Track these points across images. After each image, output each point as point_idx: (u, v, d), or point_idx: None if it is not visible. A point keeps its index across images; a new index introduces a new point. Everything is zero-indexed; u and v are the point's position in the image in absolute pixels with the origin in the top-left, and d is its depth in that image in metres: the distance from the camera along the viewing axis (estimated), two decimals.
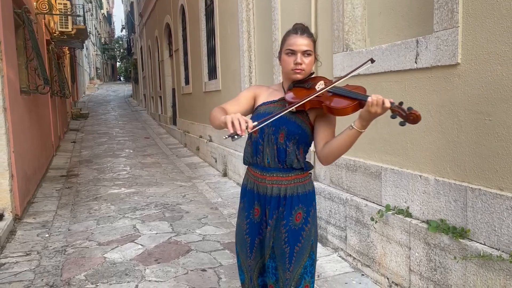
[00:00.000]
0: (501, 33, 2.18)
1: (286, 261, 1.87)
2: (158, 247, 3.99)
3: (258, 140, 1.91)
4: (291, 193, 1.88)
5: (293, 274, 1.87)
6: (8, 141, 4.70)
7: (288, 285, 1.87)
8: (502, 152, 2.20)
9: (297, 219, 1.88)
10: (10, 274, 3.47)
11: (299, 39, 1.85)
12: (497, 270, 2.18)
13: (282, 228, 1.88)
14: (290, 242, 1.87)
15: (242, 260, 2.02)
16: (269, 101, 1.95)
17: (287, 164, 1.88)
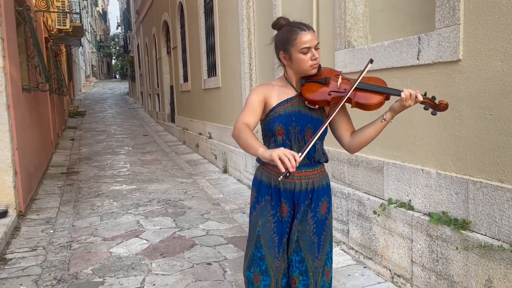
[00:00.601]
0: (501, 30, 2.24)
1: (315, 251, 1.93)
2: (163, 241, 4.05)
3: (284, 141, 1.91)
4: (318, 186, 1.95)
5: (321, 262, 1.95)
6: (12, 138, 4.73)
7: (317, 273, 1.94)
8: (503, 145, 2.27)
9: (323, 209, 1.96)
10: (17, 269, 3.52)
11: (310, 35, 1.87)
12: (498, 259, 2.26)
13: (310, 220, 1.93)
14: (318, 232, 1.94)
15: (269, 262, 1.95)
16: (284, 100, 1.94)
17: (316, 159, 1.94)
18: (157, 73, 15.18)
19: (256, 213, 2.00)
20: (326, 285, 1.98)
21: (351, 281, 3.15)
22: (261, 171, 2.04)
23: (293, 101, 1.94)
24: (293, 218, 1.96)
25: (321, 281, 1.95)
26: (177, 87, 11.61)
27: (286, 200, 1.95)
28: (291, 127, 1.90)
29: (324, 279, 1.96)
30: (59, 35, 11.69)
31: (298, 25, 1.90)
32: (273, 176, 1.96)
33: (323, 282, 1.96)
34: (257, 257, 1.97)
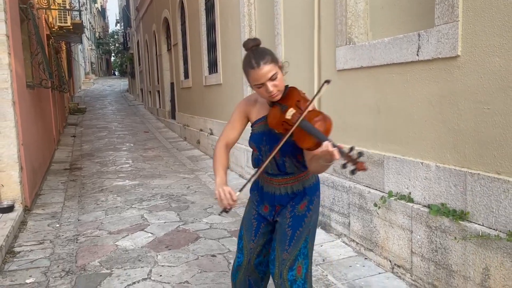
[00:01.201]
0: (498, 27, 2.32)
1: (286, 243, 2.02)
2: (167, 235, 4.13)
3: (259, 157, 2.06)
4: (298, 189, 2.06)
5: (290, 255, 2.02)
6: (18, 134, 4.80)
7: (283, 265, 2.01)
8: (500, 138, 2.36)
9: (302, 207, 2.06)
10: (26, 261, 3.60)
11: (260, 72, 1.83)
12: (494, 248, 2.34)
13: (288, 214, 2.06)
14: (293, 226, 2.03)
15: (245, 242, 2.16)
16: (259, 118, 2.04)
17: (289, 171, 2.03)
18: (157, 70, 15.23)
19: (247, 201, 2.24)
20: (298, 280, 2.01)
21: (352, 271, 3.24)
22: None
23: (265, 120, 2.00)
24: (273, 217, 2.11)
25: (287, 274, 2.00)
26: (177, 84, 11.67)
27: (267, 202, 2.11)
28: (262, 146, 2.02)
29: (294, 273, 2.00)
30: (60, 32, 11.72)
31: (252, 60, 1.85)
32: (263, 182, 2.13)
33: (293, 276, 2.00)
34: (239, 236, 2.23)
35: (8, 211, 4.54)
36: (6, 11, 4.63)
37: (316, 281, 3.09)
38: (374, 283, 3.06)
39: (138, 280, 3.19)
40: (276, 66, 1.88)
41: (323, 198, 4.07)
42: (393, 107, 3.18)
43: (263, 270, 2.21)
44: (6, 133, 4.67)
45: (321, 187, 4.06)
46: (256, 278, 2.21)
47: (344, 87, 3.79)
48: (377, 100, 3.34)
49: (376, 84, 3.35)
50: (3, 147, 4.66)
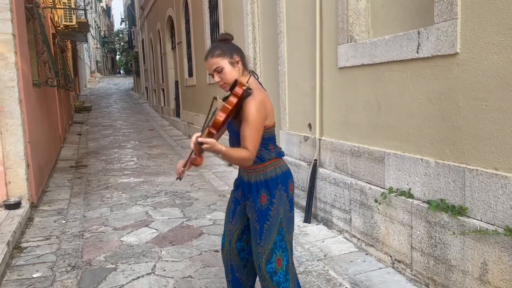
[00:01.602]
0: (497, 24, 2.35)
1: (257, 237, 2.13)
2: (171, 231, 4.19)
3: (230, 140, 2.24)
4: (255, 180, 2.16)
5: (263, 249, 2.11)
6: (24, 131, 4.88)
7: (259, 259, 2.12)
8: (498, 134, 2.38)
9: (262, 201, 2.14)
10: (33, 256, 3.67)
11: (207, 63, 2.11)
12: (492, 243, 2.37)
13: (252, 209, 2.17)
14: (260, 220, 2.13)
15: (225, 225, 2.36)
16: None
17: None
18: (162, 68, 15.29)
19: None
20: (279, 272, 2.11)
21: (353, 267, 3.28)
22: None
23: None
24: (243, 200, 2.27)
25: (265, 267, 2.11)
26: (182, 82, 11.73)
27: (240, 187, 2.27)
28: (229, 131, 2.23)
29: (273, 266, 2.10)
30: (66, 31, 11.83)
31: (208, 51, 2.12)
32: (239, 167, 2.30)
33: (272, 269, 2.10)
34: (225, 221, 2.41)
35: (15, 207, 4.62)
36: (12, 10, 4.70)
37: (317, 276, 3.14)
38: (375, 278, 3.09)
39: (142, 275, 3.25)
40: (225, 60, 2.08)
41: (325, 194, 4.11)
42: (393, 104, 3.22)
43: (245, 257, 2.32)
44: (13, 131, 4.74)
45: (323, 184, 4.12)
46: (238, 264, 2.32)
47: (345, 85, 3.82)
48: (378, 97, 3.38)
49: (377, 82, 3.38)
50: (10, 144, 4.74)
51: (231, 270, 2.35)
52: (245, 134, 2.02)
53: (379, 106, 3.38)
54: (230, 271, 2.36)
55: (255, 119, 2.01)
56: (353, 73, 3.69)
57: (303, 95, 4.59)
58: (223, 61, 2.08)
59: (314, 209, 4.33)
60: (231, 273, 2.36)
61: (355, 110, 3.71)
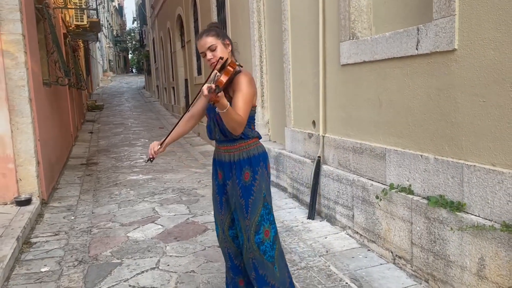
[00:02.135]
0: (493, 20, 2.35)
1: (243, 211, 2.30)
2: (176, 227, 4.26)
3: (209, 123, 2.36)
4: (238, 158, 2.30)
5: (251, 221, 2.28)
6: (34, 130, 4.99)
7: (248, 231, 2.29)
8: (495, 130, 2.39)
9: (246, 177, 2.29)
10: (42, 251, 3.76)
11: (201, 41, 2.26)
12: (489, 239, 2.38)
13: (236, 186, 2.30)
14: (244, 196, 2.29)
15: (216, 215, 2.48)
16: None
17: (229, 136, 2.28)
18: (172, 67, 15.41)
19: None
20: (266, 242, 2.30)
21: (354, 262, 3.30)
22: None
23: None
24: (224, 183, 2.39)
25: (254, 237, 2.28)
26: (191, 80, 11.81)
27: (220, 168, 2.39)
28: (209, 112, 2.35)
29: (260, 236, 2.29)
30: (77, 31, 11.98)
31: (199, 33, 2.31)
32: (214, 149, 2.46)
33: (260, 239, 2.29)
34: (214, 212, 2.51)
35: (25, 204, 4.73)
36: (22, 11, 4.81)
37: (318, 272, 3.17)
38: (375, 273, 3.12)
39: (146, 269, 3.32)
40: (219, 41, 2.25)
41: (328, 191, 4.14)
42: (394, 101, 3.23)
43: (241, 244, 2.41)
44: (23, 129, 4.86)
45: (327, 180, 4.15)
46: (235, 251, 2.47)
47: (348, 82, 3.84)
48: (379, 94, 3.39)
49: (378, 78, 3.39)
50: (20, 142, 4.85)
51: (229, 257, 2.49)
52: (239, 103, 2.16)
53: (380, 103, 3.39)
54: (229, 258, 2.50)
55: (247, 91, 2.19)
56: (355, 70, 3.70)
57: (307, 92, 4.62)
58: (217, 41, 2.25)
59: (318, 205, 4.36)
60: (229, 260, 2.50)
61: (357, 107, 3.72)
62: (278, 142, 5.93)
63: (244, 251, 2.33)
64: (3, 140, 4.77)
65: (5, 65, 4.71)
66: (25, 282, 3.19)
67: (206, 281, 3.09)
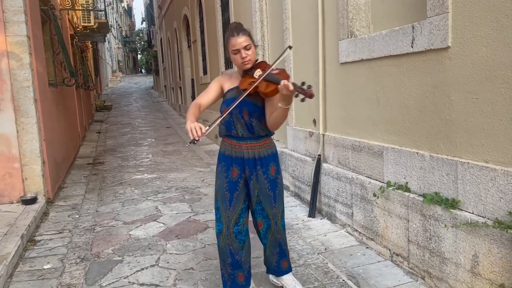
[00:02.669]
0: (485, 17, 2.35)
1: (272, 201, 2.57)
2: (178, 225, 4.31)
3: (229, 120, 2.46)
4: (264, 155, 2.52)
5: (278, 209, 2.61)
6: (39, 130, 5.07)
7: (276, 217, 2.62)
8: (487, 127, 2.39)
9: (272, 172, 2.56)
10: (45, 249, 3.83)
11: (238, 39, 2.35)
12: (482, 235, 2.39)
13: (264, 181, 2.52)
14: (272, 188, 2.56)
15: (222, 212, 2.54)
16: (232, 87, 2.52)
17: (256, 133, 2.47)
18: (179, 67, 15.50)
19: (216, 176, 2.60)
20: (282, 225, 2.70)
21: (352, 260, 3.32)
22: (221, 143, 2.61)
23: (236, 89, 2.49)
24: (244, 179, 2.53)
25: (281, 222, 2.66)
26: (197, 80, 11.88)
27: (237, 165, 2.51)
28: (234, 109, 2.40)
29: (283, 221, 2.69)
30: (84, 32, 12.10)
31: (232, 31, 2.39)
32: (226, 147, 2.55)
33: (283, 223, 2.70)
34: (215, 207, 2.60)
35: (31, 202, 4.81)
36: (26, 13, 4.89)
37: (316, 269, 3.19)
38: (372, 270, 3.13)
39: (146, 267, 3.37)
40: (251, 41, 2.40)
41: (328, 189, 4.16)
42: (391, 99, 3.23)
43: (242, 239, 2.59)
44: (28, 129, 4.94)
45: (327, 178, 4.17)
46: (236, 247, 2.58)
47: (346, 80, 3.85)
48: (377, 92, 3.40)
49: (376, 76, 3.40)
50: (26, 142, 4.94)
51: (230, 254, 2.58)
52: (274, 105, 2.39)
53: (378, 101, 3.40)
54: (229, 255, 2.58)
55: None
56: (353, 68, 3.71)
57: None
58: (250, 42, 2.39)
59: (319, 203, 4.37)
60: (230, 257, 2.59)
61: (356, 105, 3.74)
62: (280, 141, 5.95)
63: (270, 234, 2.66)
64: (9, 140, 4.86)
65: (10, 66, 4.80)
66: (28, 278, 3.26)
67: (204, 278, 3.13)
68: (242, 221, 2.57)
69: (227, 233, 2.54)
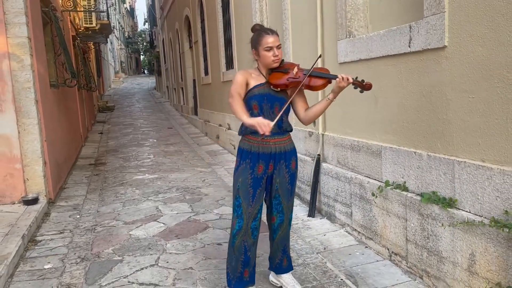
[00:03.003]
0: (481, 16, 2.35)
1: (289, 195, 2.71)
2: (178, 225, 4.33)
3: (259, 114, 2.52)
4: (289, 148, 2.64)
5: (291, 203, 2.76)
6: (41, 130, 5.10)
7: (289, 211, 2.75)
8: (483, 126, 2.40)
9: (293, 166, 2.68)
10: (46, 249, 3.86)
11: (272, 38, 2.51)
12: (479, 234, 2.39)
13: (286, 174, 2.64)
14: (291, 182, 2.69)
15: (244, 209, 2.59)
16: (258, 84, 2.59)
17: (284, 129, 2.59)
18: (181, 67, 15.53)
19: (238, 173, 2.63)
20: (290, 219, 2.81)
21: (351, 259, 3.33)
22: (243, 141, 2.65)
23: (264, 85, 2.59)
24: (268, 174, 2.62)
25: (290, 215, 2.78)
26: (199, 81, 11.90)
27: (263, 161, 2.58)
28: (264, 104, 2.56)
29: (291, 216, 2.80)
30: (86, 33, 12.14)
31: (266, 30, 2.56)
32: (252, 144, 2.59)
33: (291, 217, 2.81)
34: (235, 205, 2.64)
35: (32, 203, 4.84)
36: (27, 14, 4.92)
37: (314, 268, 3.20)
38: (371, 270, 3.14)
39: (146, 266, 3.38)
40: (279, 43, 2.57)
41: (328, 189, 4.16)
42: (389, 98, 3.24)
43: (256, 234, 2.69)
44: (29, 130, 4.97)
45: (326, 178, 4.19)
46: (250, 243, 2.67)
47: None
48: (375, 92, 3.40)
49: (374, 76, 3.40)
50: (27, 143, 4.97)
51: (244, 251, 2.66)
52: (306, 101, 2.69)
53: (376, 101, 3.41)
54: (243, 252, 2.65)
55: None
56: (352, 68, 3.72)
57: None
58: (279, 43, 2.56)
59: (319, 203, 4.38)
60: (243, 254, 2.66)
61: (354, 105, 3.74)
62: None
63: (281, 229, 2.77)
64: (10, 140, 4.89)
65: (11, 68, 4.83)
66: (28, 278, 3.28)
67: (203, 278, 3.15)
68: (259, 217, 2.67)
69: (246, 229, 2.61)
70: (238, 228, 2.62)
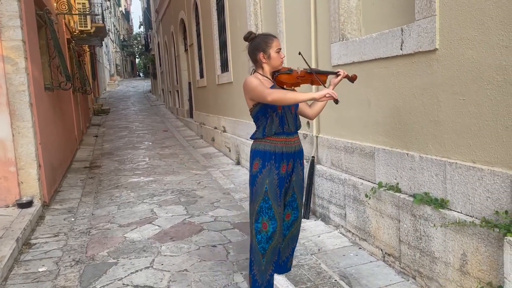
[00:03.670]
0: (471, 20, 2.39)
1: (302, 192, 2.80)
2: (173, 227, 4.33)
3: (283, 114, 2.59)
4: (300, 147, 2.75)
5: (303, 198, 2.94)
6: (35, 134, 5.09)
7: (301, 205, 2.80)
8: (474, 128, 2.43)
9: (304, 163, 2.80)
10: (40, 252, 3.85)
11: (279, 41, 2.68)
12: (470, 234, 2.42)
13: (300, 171, 2.75)
14: (303, 180, 2.81)
15: (275, 209, 2.58)
16: (271, 86, 2.63)
17: (298, 126, 2.72)
18: (176, 70, 15.54)
19: (263, 175, 2.58)
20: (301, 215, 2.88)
21: (345, 260, 3.35)
22: (263, 144, 2.62)
23: (274, 88, 2.62)
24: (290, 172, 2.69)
25: (302, 212, 2.84)
26: (194, 83, 11.92)
27: (286, 160, 2.63)
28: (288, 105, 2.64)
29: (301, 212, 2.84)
30: (81, 36, 12.14)
31: (270, 34, 2.70)
32: (276, 144, 2.60)
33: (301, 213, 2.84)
34: (265, 207, 2.57)
35: (27, 206, 4.83)
36: (22, 18, 4.92)
37: (309, 269, 3.22)
38: (364, 271, 3.16)
39: (141, 269, 3.39)
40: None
41: (322, 190, 4.19)
42: (381, 100, 3.27)
43: (284, 234, 2.78)
44: (24, 133, 4.97)
45: (320, 180, 4.20)
46: (280, 245, 2.75)
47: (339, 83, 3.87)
48: (368, 94, 3.44)
49: (367, 79, 3.44)
50: (21, 146, 4.96)
51: (278, 253, 2.74)
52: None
53: (369, 103, 3.44)
54: (278, 253, 2.72)
55: None
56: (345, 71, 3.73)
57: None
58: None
59: (313, 205, 4.40)
60: (277, 255, 2.72)
61: (348, 107, 3.77)
62: None
63: (294, 227, 2.81)
64: (5, 144, 4.88)
65: (6, 71, 4.83)
66: (22, 281, 3.28)
67: (198, 280, 3.16)
68: (286, 213, 2.75)
69: (280, 230, 2.62)
70: (273, 230, 2.57)
